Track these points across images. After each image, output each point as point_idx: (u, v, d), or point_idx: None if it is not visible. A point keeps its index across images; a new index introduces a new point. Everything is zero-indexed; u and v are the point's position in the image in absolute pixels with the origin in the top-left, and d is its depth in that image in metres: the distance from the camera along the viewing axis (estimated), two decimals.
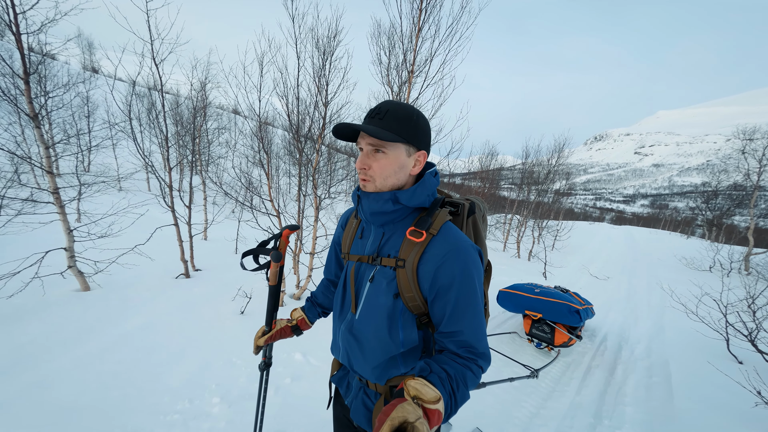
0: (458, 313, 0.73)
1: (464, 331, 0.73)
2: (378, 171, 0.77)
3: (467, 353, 0.72)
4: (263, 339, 1.06)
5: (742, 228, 16.47)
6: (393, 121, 0.75)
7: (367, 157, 0.78)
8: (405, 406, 0.52)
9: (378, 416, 0.51)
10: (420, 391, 0.57)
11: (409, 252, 0.77)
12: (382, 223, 0.83)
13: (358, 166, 0.80)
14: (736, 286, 4.46)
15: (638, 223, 58.43)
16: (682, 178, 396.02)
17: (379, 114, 0.75)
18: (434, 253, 0.75)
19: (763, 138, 9.54)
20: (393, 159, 0.77)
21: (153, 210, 5.85)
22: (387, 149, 0.76)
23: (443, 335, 0.75)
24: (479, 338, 0.74)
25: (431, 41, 3.86)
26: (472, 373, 0.70)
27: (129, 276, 3.94)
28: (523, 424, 2.18)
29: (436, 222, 0.78)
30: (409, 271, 0.77)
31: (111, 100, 10.46)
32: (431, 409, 0.55)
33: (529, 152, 10.98)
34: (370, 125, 0.75)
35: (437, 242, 0.76)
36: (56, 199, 3.35)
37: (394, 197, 0.78)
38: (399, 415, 0.50)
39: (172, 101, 10.29)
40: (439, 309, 0.75)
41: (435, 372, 0.66)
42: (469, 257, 0.75)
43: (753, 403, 2.31)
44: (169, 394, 2.12)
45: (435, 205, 0.82)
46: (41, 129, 3.30)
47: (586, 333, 3.76)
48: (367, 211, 0.82)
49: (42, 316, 2.86)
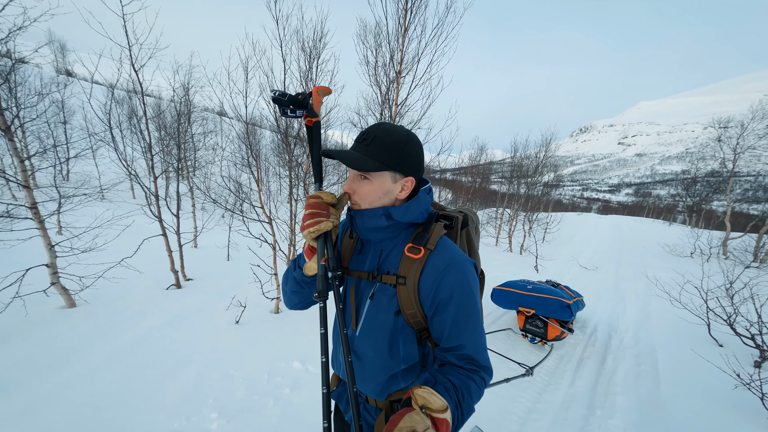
0: (459, 327, 0.74)
1: (466, 345, 0.74)
2: (363, 197, 0.79)
3: (469, 365, 0.73)
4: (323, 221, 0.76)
5: (719, 213, 17.20)
6: (379, 148, 0.74)
7: (352, 181, 0.80)
8: (413, 416, 0.51)
9: (386, 426, 0.51)
10: (428, 400, 0.56)
11: (409, 269, 0.78)
12: (379, 240, 0.83)
13: (344, 190, 0.81)
14: (716, 272, 4.67)
15: (624, 211, 60.17)
16: (663, 166, 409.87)
17: (366, 140, 0.76)
18: (433, 269, 0.75)
19: (737, 127, 9.97)
20: (377, 186, 0.77)
21: (139, 220, 5.68)
22: (371, 176, 0.76)
23: (444, 350, 0.76)
24: (480, 351, 0.75)
25: (418, 41, 3.86)
26: (475, 384, 0.70)
27: (117, 290, 3.83)
28: (520, 419, 2.24)
29: (433, 237, 0.78)
30: (411, 288, 0.77)
31: (88, 106, 10.06)
32: (439, 418, 0.54)
33: (517, 147, 11.15)
34: (356, 151, 0.76)
35: (435, 257, 0.76)
36: (35, 214, 3.21)
37: (387, 213, 0.78)
38: (407, 425, 0.49)
39: (154, 106, 9.97)
40: (439, 324, 0.76)
41: (440, 382, 0.66)
42: (466, 271, 0.76)
43: (733, 385, 2.44)
44: (164, 412, 2.08)
45: (430, 219, 0.83)
46: (15, 141, 3.16)
47: (578, 324, 3.88)
48: (361, 227, 0.82)
49: (25, 337, 2.75)
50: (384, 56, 3.96)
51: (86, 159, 12.20)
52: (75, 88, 10.48)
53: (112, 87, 3.90)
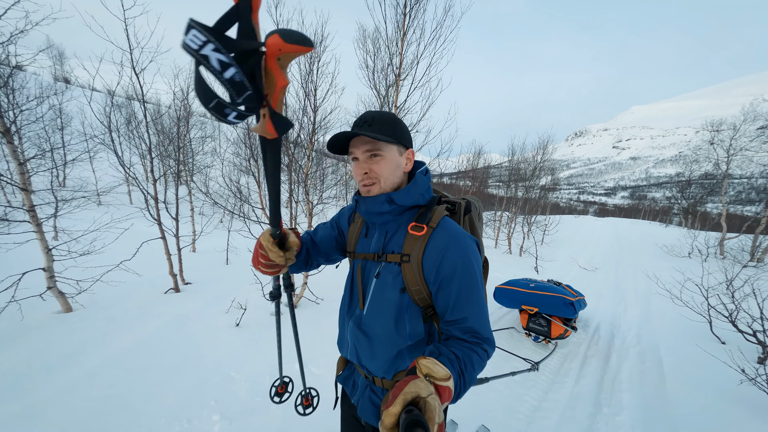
0: (461, 301, 0.76)
1: (468, 317, 0.76)
2: (380, 172, 0.82)
3: (472, 338, 0.75)
4: (282, 257, 0.74)
5: (714, 214, 17.41)
6: (382, 126, 0.79)
7: (365, 162, 0.82)
8: (417, 382, 0.53)
9: (392, 391, 0.52)
10: (432, 369, 0.58)
11: (412, 246, 0.81)
12: (383, 222, 0.87)
13: (358, 173, 0.83)
14: (715, 270, 4.70)
15: (620, 214, 60.60)
16: (657, 169, 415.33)
17: (368, 122, 0.80)
18: (436, 245, 0.78)
19: (729, 129, 10.15)
20: (390, 160, 0.82)
21: (138, 224, 5.63)
22: (383, 152, 0.80)
23: (448, 323, 0.78)
24: (483, 324, 0.77)
25: (416, 45, 3.92)
26: (478, 356, 0.72)
27: (115, 294, 3.77)
28: (527, 418, 2.21)
29: (435, 216, 0.82)
30: (415, 265, 0.80)
31: (86, 111, 10.05)
32: (442, 386, 0.57)
33: (514, 150, 11.28)
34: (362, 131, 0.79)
35: (438, 235, 0.79)
36: (32, 217, 3.18)
37: (389, 198, 0.82)
38: (412, 390, 0.51)
39: (153, 110, 9.98)
40: (443, 299, 0.78)
41: (444, 354, 0.68)
42: (468, 247, 0.79)
43: (738, 381, 2.43)
44: (165, 416, 2.04)
45: (432, 201, 0.87)
46: (13, 144, 3.14)
47: (580, 324, 3.87)
48: (365, 212, 0.86)
49: (21, 342, 2.69)
50: (383, 60, 4.02)
51: (83, 164, 12.13)
52: (74, 92, 10.49)
53: (112, 92, 3.90)
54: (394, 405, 0.49)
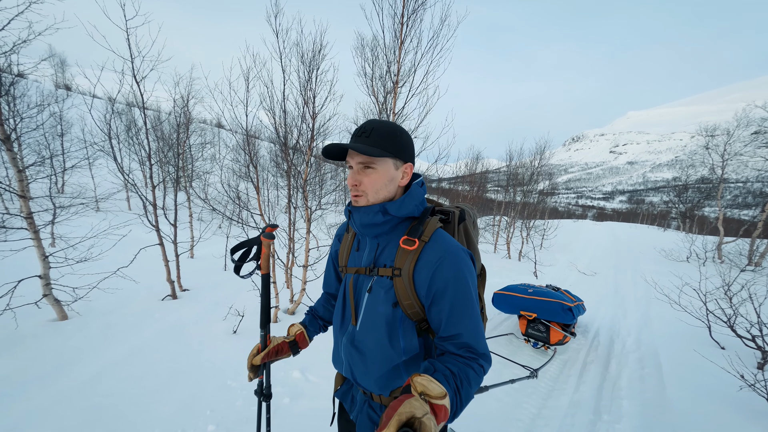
0: (455, 316, 0.75)
1: (463, 333, 0.74)
2: (369, 186, 0.80)
3: (468, 353, 0.74)
4: (259, 357, 0.96)
5: (712, 218, 17.47)
6: (379, 138, 0.78)
7: (357, 173, 0.80)
8: (412, 401, 0.52)
9: (385, 411, 0.51)
10: (427, 387, 0.57)
11: (404, 260, 0.79)
12: (375, 234, 0.85)
13: (349, 183, 0.82)
14: (713, 274, 4.71)
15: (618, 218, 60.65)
16: (654, 174, 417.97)
17: (365, 132, 0.78)
18: (428, 260, 0.77)
19: (723, 134, 10.28)
20: (382, 173, 0.80)
21: (136, 230, 5.62)
22: (376, 165, 0.79)
23: (443, 339, 0.77)
24: (478, 339, 0.75)
25: (414, 53, 3.99)
26: (474, 372, 0.71)
27: (111, 301, 3.75)
28: (526, 426, 2.19)
29: (427, 229, 0.80)
30: (406, 279, 0.79)
31: (86, 119, 10.10)
32: (438, 404, 0.56)
33: (512, 155, 11.36)
34: (357, 144, 0.78)
35: (430, 248, 0.78)
36: (30, 224, 3.17)
37: (383, 209, 0.81)
38: (406, 411, 0.50)
39: (153, 117, 10.05)
40: (437, 313, 0.77)
41: (439, 370, 0.67)
42: (461, 261, 0.77)
43: (738, 386, 2.42)
44: (160, 426, 2.01)
45: (425, 213, 0.85)
46: (13, 151, 3.15)
47: (579, 329, 3.85)
48: (358, 223, 0.84)
49: (15, 351, 2.66)
50: (381, 67, 4.08)
51: (82, 171, 12.15)
52: (75, 99, 10.57)
53: (112, 99, 3.94)
54: (389, 427, 0.48)
